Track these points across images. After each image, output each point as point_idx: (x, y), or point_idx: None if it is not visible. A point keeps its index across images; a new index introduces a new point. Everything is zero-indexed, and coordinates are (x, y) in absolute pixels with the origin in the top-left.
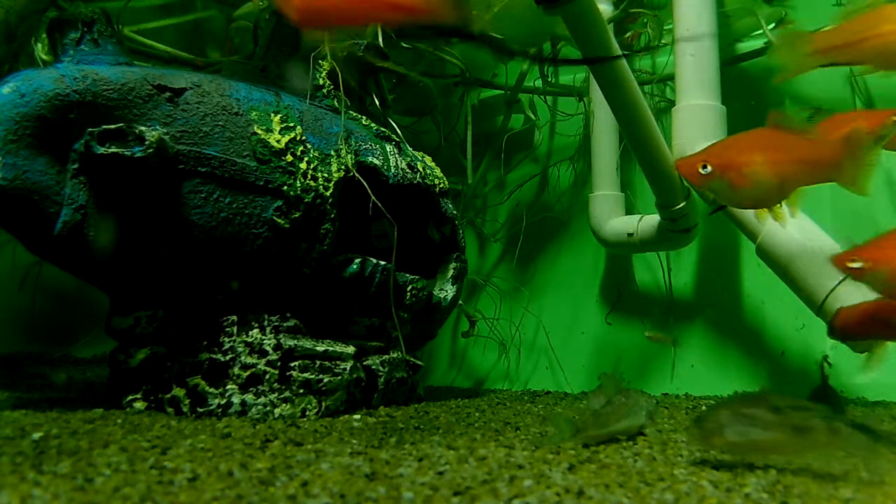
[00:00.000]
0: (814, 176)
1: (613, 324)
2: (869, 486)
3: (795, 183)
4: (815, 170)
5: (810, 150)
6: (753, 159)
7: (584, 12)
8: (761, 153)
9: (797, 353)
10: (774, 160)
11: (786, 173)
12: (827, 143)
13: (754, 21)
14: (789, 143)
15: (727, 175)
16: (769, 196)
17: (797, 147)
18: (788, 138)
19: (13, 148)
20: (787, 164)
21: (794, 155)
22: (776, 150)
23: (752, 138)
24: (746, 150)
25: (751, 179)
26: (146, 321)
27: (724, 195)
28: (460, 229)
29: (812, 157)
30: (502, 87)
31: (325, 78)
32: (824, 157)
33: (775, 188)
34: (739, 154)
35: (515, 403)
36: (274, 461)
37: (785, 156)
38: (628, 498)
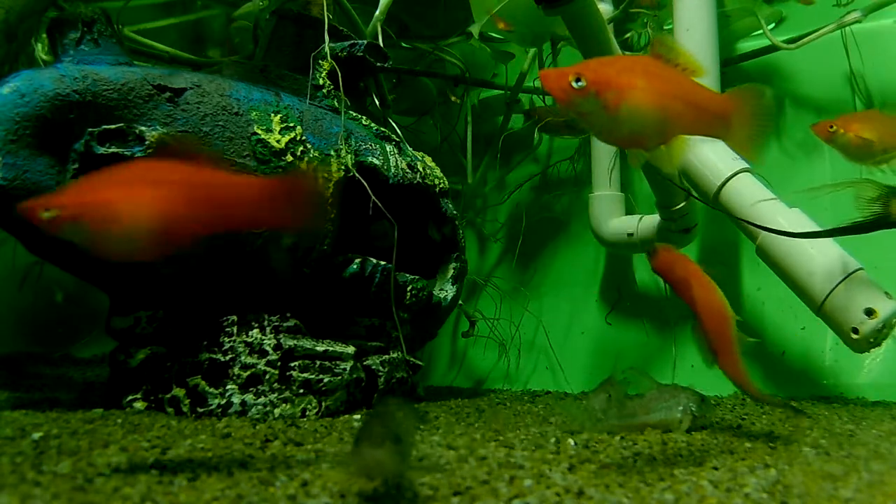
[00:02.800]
0: (698, 124)
1: (613, 324)
2: (869, 486)
3: (678, 126)
4: (701, 117)
5: (700, 94)
6: (637, 83)
7: (584, 12)
8: (646, 79)
9: (797, 353)
10: (661, 91)
11: (671, 110)
12: (718, 94)
13: (754, 21)
14: (677, 79)
15: (604, 95)
16: (648, 132)
17: (686, 86)
18: (676, 74)
19: (13, 148)
20: (674, 100)
21: (682, 93)
22: (663, 82)
23: (637, 62)
24: (630, 70)
25: (631, 105)
26: (146, 321)
27: (595, 120)
28: (460, 229)
29: (701, 101)
30: (502, 87)
31: (325, 78)
32: (714, 107)
33: (656, 124)
34: (622, 74)
35: (515, 403)
36: (274, 461)
37: (672, 90)
38: (628, 498)
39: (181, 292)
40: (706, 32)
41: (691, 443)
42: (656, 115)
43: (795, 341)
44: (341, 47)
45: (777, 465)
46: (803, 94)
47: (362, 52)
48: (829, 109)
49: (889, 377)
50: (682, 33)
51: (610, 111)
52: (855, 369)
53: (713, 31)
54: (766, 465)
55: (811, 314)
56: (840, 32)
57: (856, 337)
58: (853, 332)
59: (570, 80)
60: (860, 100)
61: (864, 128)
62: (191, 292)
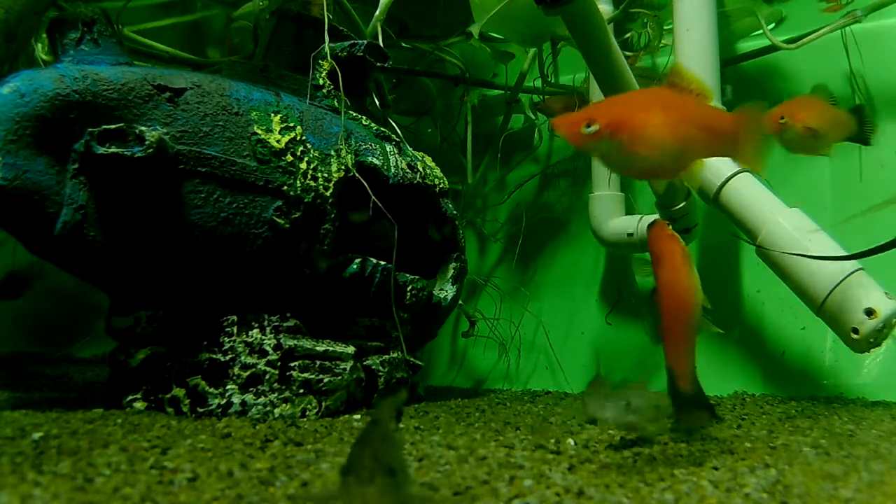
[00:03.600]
0: (712, 147)
1: (613, 324)
2: (869, 486)
3: (695, 153)
4: (715, 140)
5: (713, 117)
6: (651, 119)
7: (584, 12)
8: (662, 114)
9: (797, 353)
10: (676, 124)
11: (687, 140)
12: (726, 113)
13: (754, 21)
14: (692, 107)
15: (619, 135)
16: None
17: (700, 113)
18: (690, 102)
19: (13, 148)
20: (690, 129)
21: (696, 120)
22: (679, 113)
23: (649, 96)
24: (643, 108)
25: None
26: (146, 321)
27: (615, 160)
28: (460, 229)
29: (714, 125)
30: (502, 87)
31: (325, 78)
32: (724, 128)
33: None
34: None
35: (515, 403)
36: (274, 461)
37: (686, 119)
38: (628, 498)
39: (181, 292)
40: (706, 32)
41: (691, 443)
42: (673, 148)
43: (795, 341)
44: (341, 47)
45: (777, 465)
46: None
47: (362, 52)
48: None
49: (889, 377)
50: (682, 33)
51: (626, 151)
52: (855, 369)
53: (713, 31)
54: (766, 465)
55: (811, 314)
56: (840, 32)
57: (856, 337)
58: (853, 332)
59: (581, 127)
60: (860, 100)
61: (810, 117)
62: (191, 292)
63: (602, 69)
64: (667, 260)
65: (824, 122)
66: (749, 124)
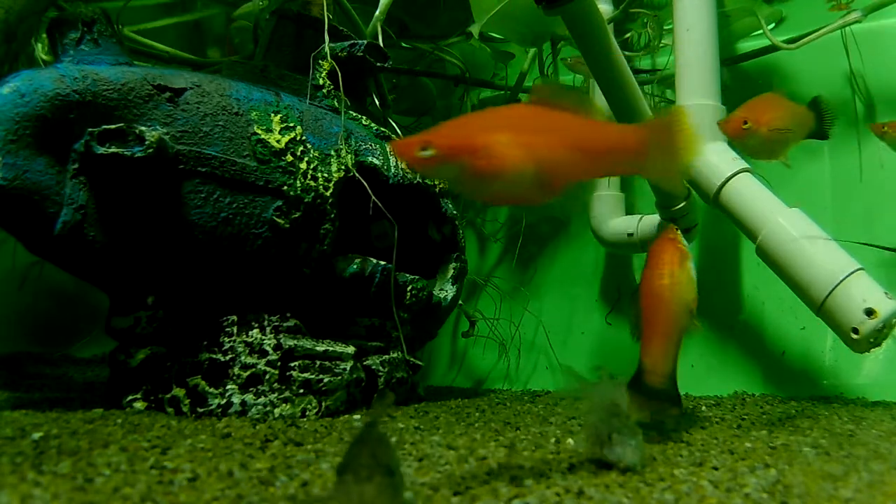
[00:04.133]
0: (601, 165)
1: (613, 324)
2: (869, 486)
3: (570, 173)
4: (602, 157)
5: (597, 133)
6: (497, 141)
7: (584, 12)
8: (512, 133)
9: (797, 353)
10: (531, 143)
11: (551, 160)
12: (623, 128)
13: (754, 21)
14: (559, 124)
15: (458, 159)
16: (524, 189)
17: (574, 129)
18: (559, 118)
19: (13, 148)
20: (555, 149)
21: (568, 138)
22: (536, 131)
23: (502, 116)
24: (488, 129)
25: (495, 165)
26: (146, 321)
27: (462, 185)
28: (460, 229)
29: (599, 141)
30: (502, 87)
31: (325, 78)
32: (618, 144)
33: (534, 178)
34: (478, 134)
35: (515, 403)
36: (274, 461)
37: (550, 138)
38: (628, 498)
39: (181, 292)
40: (706, 32)
41: (691, 443)
42: (529, 170)
43: (795, 341)
44: (341, 47)
45: (777, 465)
46: (803, 94)
47: (362, 52)
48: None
49: (889, 377)
50: (682, 33)
51: (472, 174)
52: (855, 369)
53: (713, 31)
54: (766, 465)
55: (811, 314)
56: (840, 32)
57: (856, 337)
58: (853, 332)
59: (417, 150)
60: (860, 100)
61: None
62: (191, 292)
63: (602, 69)
64: (653, 260)
65: (788, 122)
66: (661, 137)
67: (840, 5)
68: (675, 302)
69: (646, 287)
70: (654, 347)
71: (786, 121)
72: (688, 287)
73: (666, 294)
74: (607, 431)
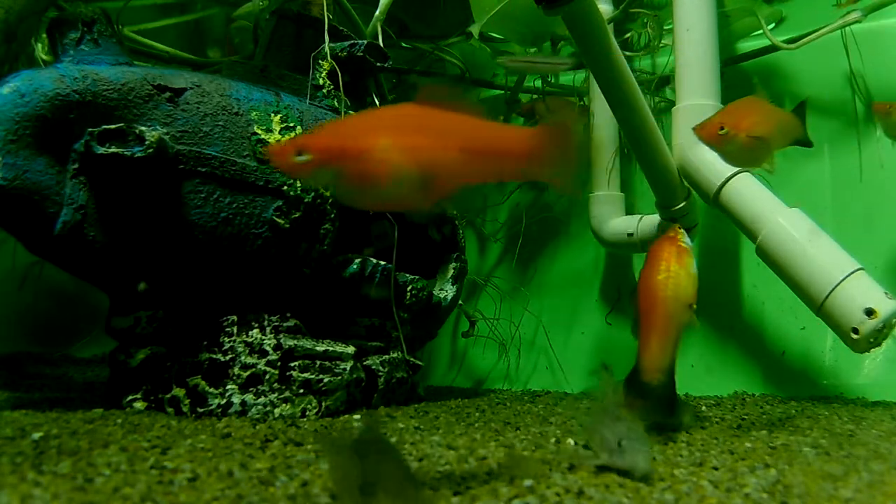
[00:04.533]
0: (492, 170)
1: (613, 324)
2: (869, 486)
3: (457, 178)
4: (492, 161)
5: (487, 135)
6: (377, 144)
7: (584, 12)
8: (392, 136)
9: (797, 353)
10: (413, 145)
11: (435, 163)
12: (516, 130)
13: (754, 21)
14: (446, 126)
15: (336, 165)
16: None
17: (463, 131)
18: (447, 120)
19: (13, 148)
20: (441, 152)
21: (453, 140)
22: (420, 133)
23: (383, 118)
24: (368, 132)
25: (373, 170)
26: (146, 321)
27: (342, 192)
28: (460, 229)
29: (489, 144)
30: (502, 87)
31: (325, 78)
32: (510, 148)
33: (415, 183)
34: (357, 137)
35: (515, 403)
36: (274, 461)
37: (435, 141)
38: (628, 498)
39: (181, 292)
40: (706, 32)
41: (691, 443)
42: (413, 174)
43: (795, 341)
44: (341, 47)
45: (777, 465)
46: (803, 94)
47: (362, 52)
48: (830, 109)
49: (889, 377)
50: (682, 33)
51: (350, 181)
52: (855, 369)
53: (713, 31)
54: (766, 465)
55: (811, 314)
56: (840, 32)
57: (856, 337)
58: (853, 332)
59: (292, 155)
60: (860, 100)
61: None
62: (191, 292)
63: (602, 69)
64: (651, 257)
65: (770, 128)
66: (554, 139)
67: (841, 4)
68: (672, 298)
69: (643, 283)
70: (650, 343)
71: (768, 127)
72: (686, 284)
73: (662, 290)
74: (616, 438)
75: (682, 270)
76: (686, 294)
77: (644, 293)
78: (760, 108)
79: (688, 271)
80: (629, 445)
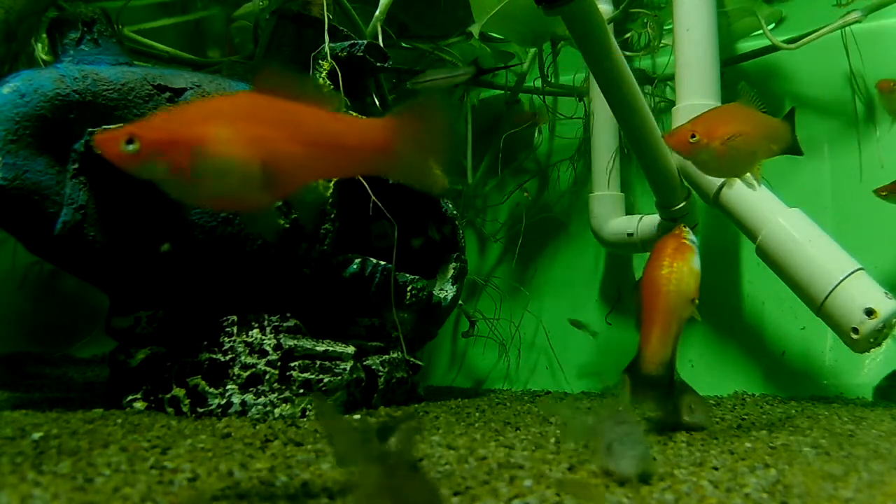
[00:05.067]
0: (342, 165)
1: (613, 324)
2: (869, 486)
3: (302, 173)
4: (342, 156)
5: (333, 127)
6: (215, 134)
7: (584, 12)
8: (233, 126)
9: (797, 353)
10: (256, 137)
11: (279, 157)
12: (370, 120)
13: (754, 21)
14: (289, 115)
15: (167, 157)
16: (249, 191)
17: (304, 122)
18: (289, 109)
19: (13, 148)
20: (282, 144)
21: (297, 133)
22: (262, 124)
23: (223, 105)
24: (202, 120)
25: (207, 164)
26: (146, 321)
27: (174, 187)
28: (460, 229)
29: (335, 138)
30: (502, 87)
31: (325, 78)
32: (363, 140)
33: (257, 179)
34: (187, 126)
35: (515, 403)
36: (274, 461)
37: (278, 133)
38: (628, 498)
39: (181, 292)
40: (706, 32)
41: (691, 443)
42: (254, 169)
43: (795, 341)
44: (341, 47)
45: (777, 465)
46: (803, 94)
47: (362, 52)
48: (829, 109)
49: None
50: (682, 33)
51: (179, 175)
52: (855, 369)
53: (713, 31)
54: (766, 465)
55: (811, 314)
56: (840, 32)
57: (856, 337)
58: (853, 332)
59: (121, 144)
60: (860, 100)
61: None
62: (191, 292)
63: (602, 69)
64: (655, 252)
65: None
66: (410, 131)
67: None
68: (674, 293)
69: (647, 278)
70: (651, 336)
71: (749, 134)
72: (688, 279)
73: (664, 284)
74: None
75: (685, 266)
76: (688, 289)
77: (647, 287)
78: (741, 114)
79: (690, 267)
80: (619, 449)
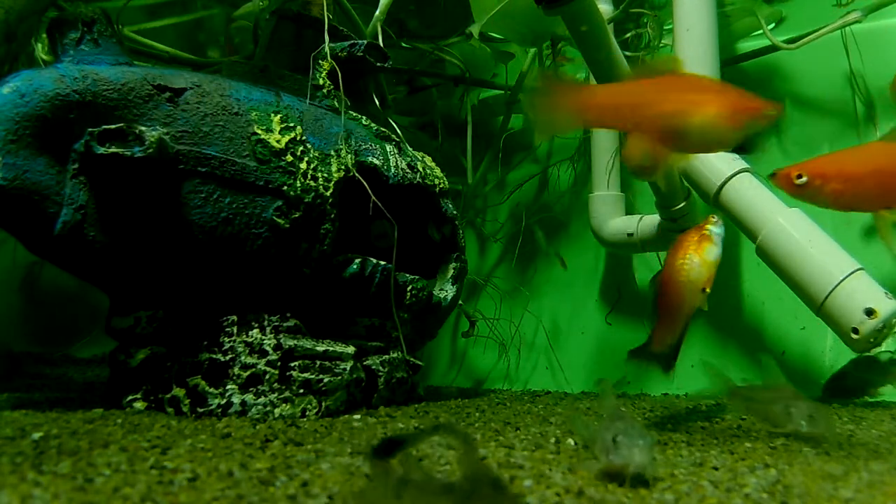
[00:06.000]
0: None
1: (613, 324)
2: (869, 486)
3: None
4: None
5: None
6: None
7: (584, 12)
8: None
9: (797, 353)
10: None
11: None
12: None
13: (754, 21)
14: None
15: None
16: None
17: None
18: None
19: (13, 148)
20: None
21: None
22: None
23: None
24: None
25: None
26: (146, 321)
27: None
28: (460, 229)
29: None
30: (502, 87)
31: (325, 78)
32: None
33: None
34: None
35: (515, 403)
36: (274, 461)
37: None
38: (628, 498)
39: (181, 292)
40: (706, 32)
41: (691, 443)
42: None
43: (795, 341)
44: (341, 47)
45: (777, 465)
46: (803, 94)
47: (362, 52)
48: (829, 109)
49: None
50: (682, 33)
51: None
52: None
53: (713, 31)
54: (766, 465)
55: (811, 314)
56: (840, 32)
57: (856, 337)
58: (853, 332)
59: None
60: (860, 100)
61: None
62: (191, 292)
63: (602, 69)
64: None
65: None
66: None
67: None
68: (686, 282)
69: (666, 268)
70: (662, 322)
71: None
72: (701, 269)
73: (678, 274)
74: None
75: (699, 257)
76: (700, 279)
77: (665, 276)
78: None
79: (704, 258)
80: (624, 441)
